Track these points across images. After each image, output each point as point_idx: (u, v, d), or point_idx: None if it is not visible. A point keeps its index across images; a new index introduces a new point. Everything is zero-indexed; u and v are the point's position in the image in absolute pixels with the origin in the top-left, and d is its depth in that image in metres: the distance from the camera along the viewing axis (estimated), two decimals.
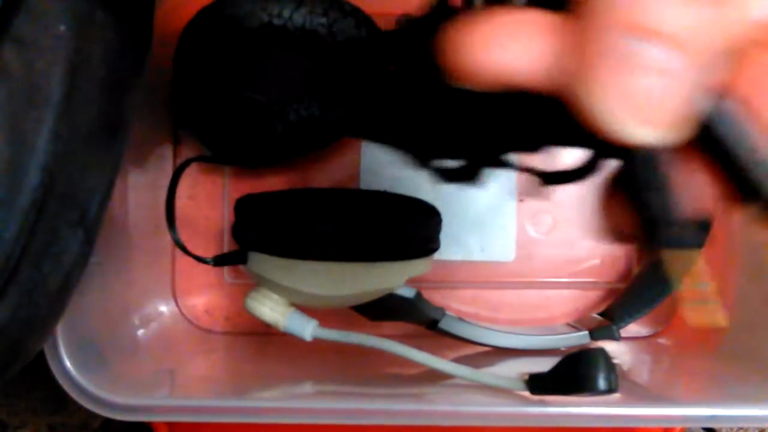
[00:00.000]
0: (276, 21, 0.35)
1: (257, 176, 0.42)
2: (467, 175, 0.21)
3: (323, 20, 0.35)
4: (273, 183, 0.41)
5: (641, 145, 0.15)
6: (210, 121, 0.37)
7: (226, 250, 0.39)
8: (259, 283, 0.33)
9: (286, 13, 0.35)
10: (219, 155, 0.39)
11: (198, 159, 0.36)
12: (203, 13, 0.36)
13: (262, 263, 0.32)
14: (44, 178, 0.19)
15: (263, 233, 0.31)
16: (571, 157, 0.19)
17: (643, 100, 0.14)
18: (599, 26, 0.14)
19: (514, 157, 0.20)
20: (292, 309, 0.32)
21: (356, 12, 0.36)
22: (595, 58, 0.14)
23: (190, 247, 0.36)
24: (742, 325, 0.37)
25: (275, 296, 0.32)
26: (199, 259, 0.35)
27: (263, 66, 0.36)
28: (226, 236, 0.41)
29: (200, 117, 0.37)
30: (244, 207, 0.33)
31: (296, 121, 0.36)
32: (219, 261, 0.34)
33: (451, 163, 0.21)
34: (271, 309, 0.32)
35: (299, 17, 0.35)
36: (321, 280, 0.31)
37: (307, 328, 0.32)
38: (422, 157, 0.22)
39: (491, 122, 0.19)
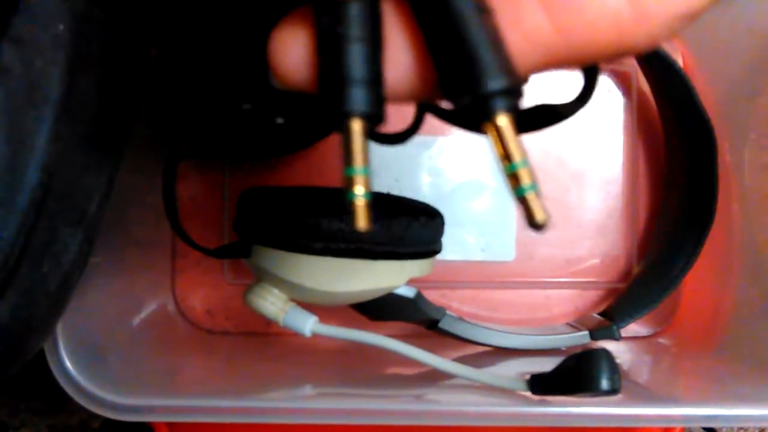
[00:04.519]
0: None
1: (257, 175, 0.42)
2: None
3: None
4: (273, 182, 0.41)
5: None
6: (197, 118, 0.36)
7: None
8: (260, 277, 0.33)
9: None
10: (210, 151, 0.39)
11: (189, 155, 0.35)
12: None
13: (265, 257, 0.32)
14: (43, 177, 0.19)
15: (269, 226, 0.31)
16: None
17: None
18: None
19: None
20: (292, 304, 0.32)
21: None
22: None
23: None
24: (742, 325, 0.37)
25: (276, 291, 0.32)
26: (202, 250, 0.35)
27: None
28: (226, 237, 0.41)
29: (187, 114, 0.37)
30: (249, 200, 0.33)
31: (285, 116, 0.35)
32: (221, 253, 0.34)
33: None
34: (271, 303, 0.32)
35: None
36: (323, 275, 0.31)
37: (306, 324, 0.32)
38: None
39: None
